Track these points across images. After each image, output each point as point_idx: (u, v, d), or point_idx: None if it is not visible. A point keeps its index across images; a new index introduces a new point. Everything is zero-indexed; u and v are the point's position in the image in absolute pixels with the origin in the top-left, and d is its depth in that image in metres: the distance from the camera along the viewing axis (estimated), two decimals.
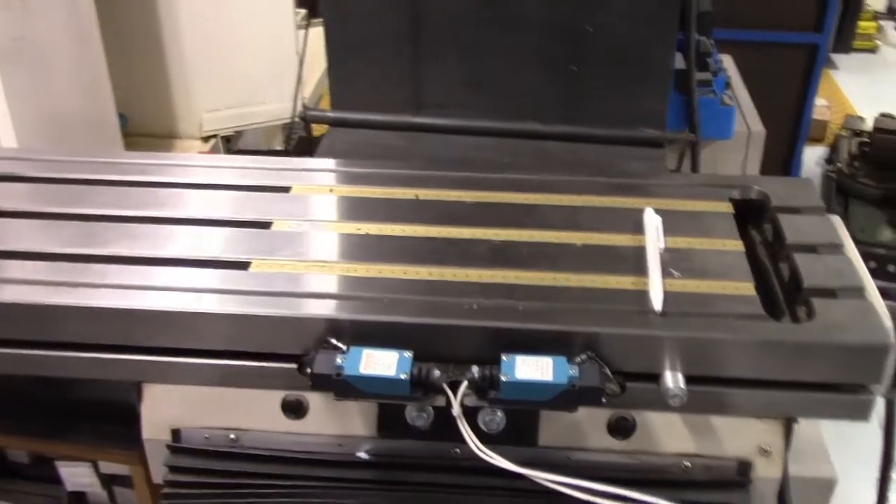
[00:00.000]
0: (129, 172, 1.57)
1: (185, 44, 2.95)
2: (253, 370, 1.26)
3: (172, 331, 1.25)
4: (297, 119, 2.18)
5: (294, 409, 1.31)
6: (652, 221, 1.39)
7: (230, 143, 3.30)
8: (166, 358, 1.26)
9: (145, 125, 3.05)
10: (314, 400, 1.30)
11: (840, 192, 3.96)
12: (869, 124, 4.31)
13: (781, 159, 3.94)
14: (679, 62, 2.13)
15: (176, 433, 1.34)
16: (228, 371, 1.26)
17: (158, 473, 1.36)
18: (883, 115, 4.18)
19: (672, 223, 1.41)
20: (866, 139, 4.20)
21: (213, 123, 3.13)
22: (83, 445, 1.72)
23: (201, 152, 3.06)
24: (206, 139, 3.15)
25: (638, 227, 1.42)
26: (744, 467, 1.29)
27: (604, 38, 1.96)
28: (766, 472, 1.29)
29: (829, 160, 4.45)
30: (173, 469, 1.33)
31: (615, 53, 1.97)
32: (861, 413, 1.22)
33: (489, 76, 2.03)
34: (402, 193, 1.52)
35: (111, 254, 1.35)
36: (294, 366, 1.24)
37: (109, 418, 1.62)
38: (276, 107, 3.16)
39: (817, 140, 4.69)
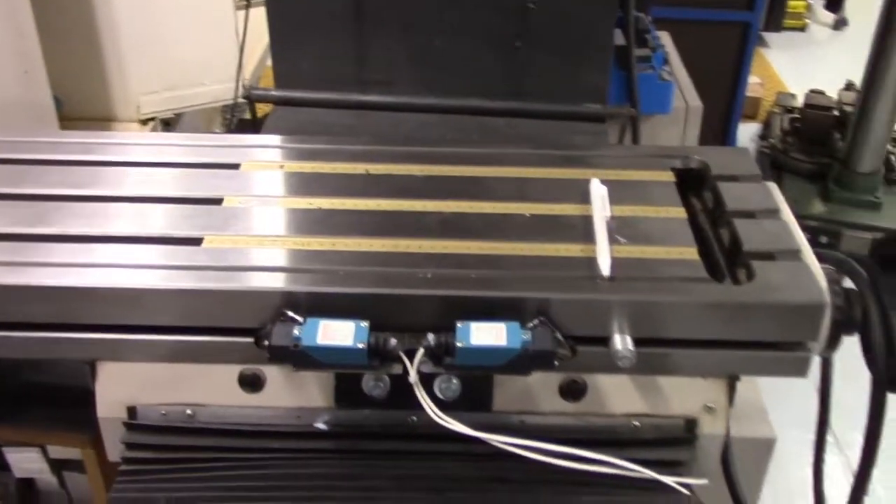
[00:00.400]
0: (76, 152, 1.55)
1: (120, 24, 2.89)
2: (209, 345, 1.26)
3: (127, 308, 1.24)
4: (241, 98, 2.16)
5: (251, 383, 1.32)
6: (598, 191, 1.43)
7: (169, 127, 3.26)
8: (121, 335, 1.26)
9: (81, 108, 2.98)
10: (271, 373, 1.32)
11: (773, 167, 4.07)
12: (800, 101, 4.42)
13: (717, 136, 4.04)
14: (618, 39, 2.18)
15: (132, 411, 1.34)
16: (184, 347, 1.27)
17: (115, 452, 1.36)
18: (813, 91, 4.30)
19: (617, 192, 1.46)
20: (798, 115, 4.31)
21: (150, 106, 3.08)
22: (31, 430, 1.70)
23: None
24: (144, 122, 3.09)
25: (584, 197, 1.46)
26: (690, 425, 1.34)
27: (546, 16, 1.99)
28: (710, 428, 1.35)
29: (763, 136, 4.56)
30: (130, 446, 1.33)
31: (558, 30, 2.00)
32: (800, 370, 1.28)
33: (433, 53, 2.05)
34: (352, 168, 1.53)
35: (61, 233, 1.34)
36: (250, 340, 1.25)
37: (58, 401, 1.61)
38: (216, 88, 3.13)
39: (751, 117, 4.80)
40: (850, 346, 1.32)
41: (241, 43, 2.39)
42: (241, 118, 3.57)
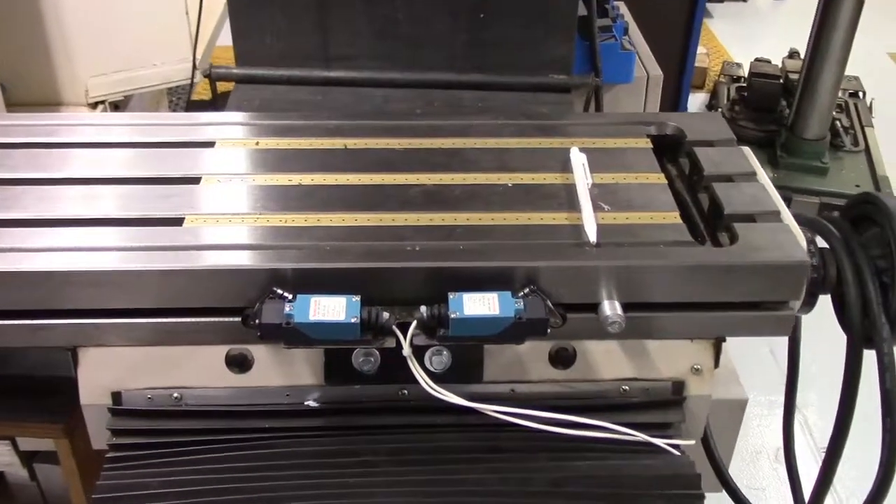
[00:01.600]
0: (42, 134, 1.50)
1: (66, 5, 2.81)
2: (195, 326, 1.24)
3: (109, 291, 1.21)
4: (202, 77, 2.12)
5: (239, 363, 1.30)
6: (579, 159, 1.43)
7: (119, 110, 3.18)
8: (104, 320, 1.23)
9: (27, 93, 2.89)
10: (259, 352, 1.30)
11: None
12: (746, 70, 4.49)
13: (668, 106, 4.07)
14: (580, 9, 2.18)
15: (117, 396, 1.31)
16: (170, 329, 1.24)
17: (100, 439, 1.33)
18: (758, 60, 4.37)
19: (596, 160, 1.46)
20: (744, 84, 4.38)
21: (99, 89, 2.99)
22: (1, 422, 1.66)
23: None
24: (93, 106, 3.01)
25: (563, 166, 1.46)
26: (678, 387, 1.36)
27: None
28: (698, 389, 1.36)
29: (711, 106, 4.64)
30: (117, 432, 1.30)
31: (522, 1, 1.99)
32: (783, 328, 1.31)
33: (397, 26, 2.03)
34: (330, 143, 1.51)
35: (37, 217, 1.30)
36: (238, 319, 1.23)
37: (28, 392, 1.57)
38: (167, 69, 3.05)
39: (698, 87, 4.86)
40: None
41: (198, 21, 2.34)
42: (192, 99, 3.50)
